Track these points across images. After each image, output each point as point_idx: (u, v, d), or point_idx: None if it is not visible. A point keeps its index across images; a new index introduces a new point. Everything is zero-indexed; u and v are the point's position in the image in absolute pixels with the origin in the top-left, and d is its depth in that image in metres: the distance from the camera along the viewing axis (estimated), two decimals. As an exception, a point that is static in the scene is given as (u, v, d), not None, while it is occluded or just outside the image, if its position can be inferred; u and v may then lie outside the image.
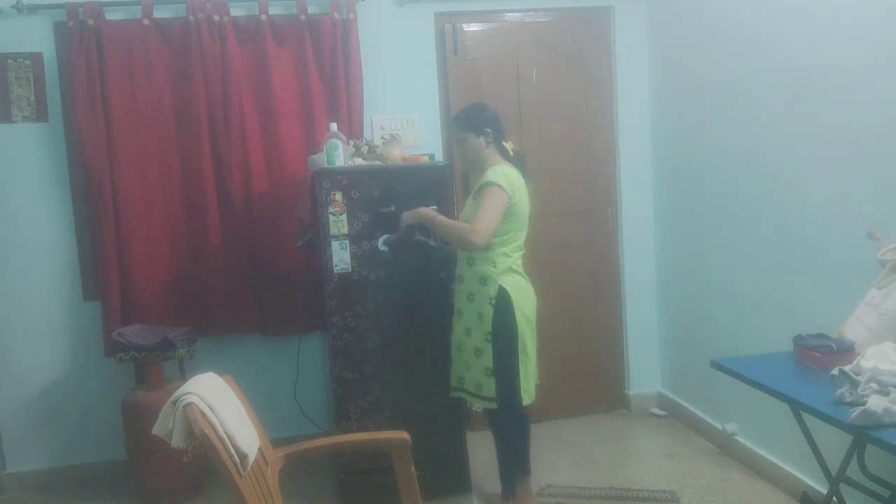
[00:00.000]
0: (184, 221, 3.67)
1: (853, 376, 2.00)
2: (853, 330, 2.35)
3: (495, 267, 2.90)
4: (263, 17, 3.61)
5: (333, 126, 3.33)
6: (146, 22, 3.53)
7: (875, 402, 1.87)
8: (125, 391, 3.49)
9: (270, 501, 2.07)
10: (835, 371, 2.05)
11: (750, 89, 3.20)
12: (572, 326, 4.17)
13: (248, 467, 1.97)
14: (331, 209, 3.11)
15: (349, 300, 3.15)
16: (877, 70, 2.53)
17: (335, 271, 3.13)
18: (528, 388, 2.97)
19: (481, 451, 3.75)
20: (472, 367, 2.97)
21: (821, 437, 2.45)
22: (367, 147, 3.44)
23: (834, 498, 2.46)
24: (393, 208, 3.16)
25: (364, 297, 3.16)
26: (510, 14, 3.99)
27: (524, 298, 2.95)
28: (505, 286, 2.88)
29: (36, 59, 3.55)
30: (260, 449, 2.13)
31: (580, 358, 4.20)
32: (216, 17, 3.56)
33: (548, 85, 4.02)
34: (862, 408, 1.87)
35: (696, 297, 3.80)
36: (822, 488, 2.76)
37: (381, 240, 3.09)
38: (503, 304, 2.88)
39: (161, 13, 3.57)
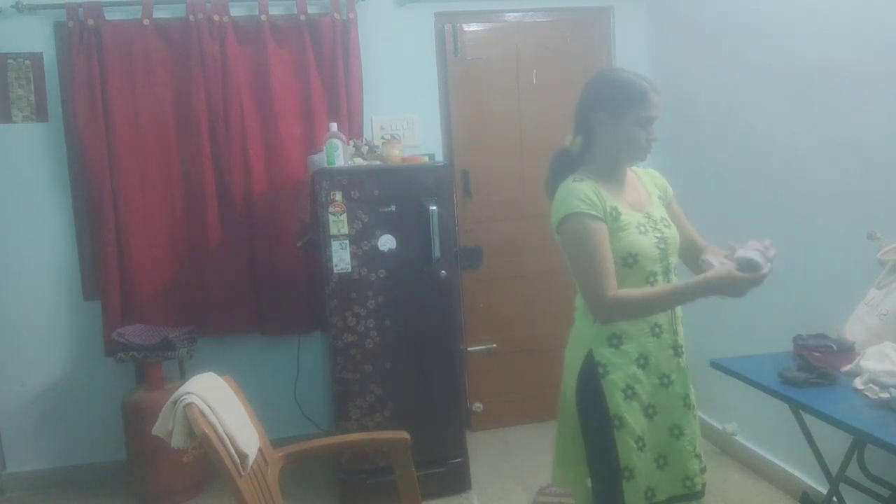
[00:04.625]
0: (184, 221, 3.67)
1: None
2: (853, 330, 2.36)
3: None
4: (263, 18, 3.61)
5: (333, 126, 3.33)
6: (146, 22, 3.53)
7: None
8: (125, 391, 3.49)
9: (270, 501, 2.07)
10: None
11: (750, 89, 3.20)
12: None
13: (248, 467, 1.97)
14: (331, 209, 3.11)
15: (349, 300, 3.15)
16: (877, 71, 2.53)
17: (335, 271, 3.13)
18: None
19: (481, 451, 3.76)
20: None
21: (821, 437, 2.46)
22: (367, 147, 3.44)
23: (834, 498, 2.46)
24: (393, 208, 3.17)
25: (364, 297, 3.16)
26: (510, 14, 3.99)
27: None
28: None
29: (36, 59, 3.55)
30: (260, 449, 2.13)
31: (580, 358, 4.19)
32: (216, 18, 3.56)
33: (548, 85, 4.02)
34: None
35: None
36: (822, 488, 2.76)
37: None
38: None
39: (161, 13, 3.57)
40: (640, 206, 2.01)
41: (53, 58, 3.56)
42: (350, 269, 3.14)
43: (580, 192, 1.89)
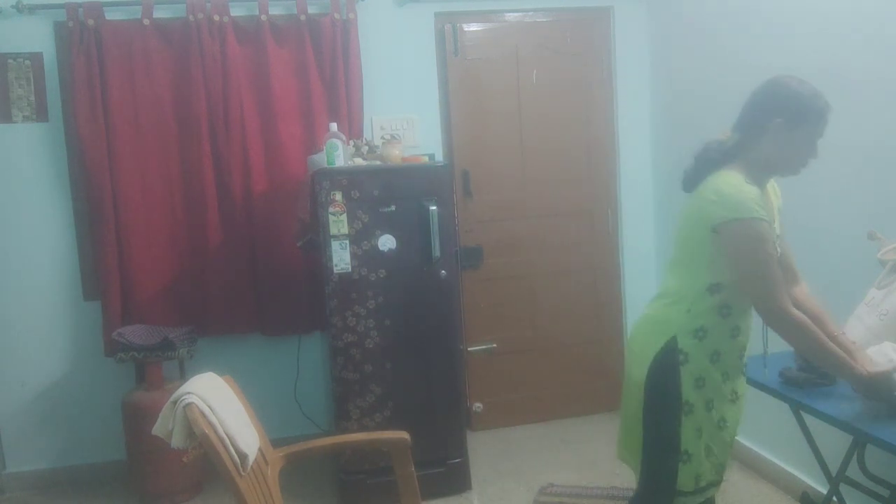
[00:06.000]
0: (184, 221, 3.67)
1: None
2: (853, 330, 2.35)
3: None
4: (263, 18, 3.61)
5: (333, 126, 3.33)
6: (146, 22, 3.53)
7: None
8: (125, 391, 3.49)
9: (270, 501, 2.08)
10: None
11: (750, 90, 3.19)
12: (573, 327, 4.17)
13: (248, 467, 1.97)
14: (331, 209, 3.11)
15: (349, 300, 3.15)
16: (877, 71, 2.53)
17: (335, 271, 3.13)
18: None
19: (481, 451, 3.77)
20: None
21: (821, 437, 2.46)
22: (367, 147, 3.44)
23: (834, 498, 2.46)
24: (393, 208, 3.17)
25: (364, 297, 3.16)
26: (510, 14, 3.99)
27: None
28: None
29: (36, 59, 3.55)
30: (260, 449, 2.13)
31: (581, 358, 4.20)
32: (216, 17, 3.56)
33: (548, 85, 4.02)
34: None
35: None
36: (822, 488, 2.76)
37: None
38: None
39: (161, 13, 3.57)
40: (773, 219, 2.03)
41: (53, 58, 3.56)
42: (350, 269, 3.14)
43: (755, 195, 1.89)
